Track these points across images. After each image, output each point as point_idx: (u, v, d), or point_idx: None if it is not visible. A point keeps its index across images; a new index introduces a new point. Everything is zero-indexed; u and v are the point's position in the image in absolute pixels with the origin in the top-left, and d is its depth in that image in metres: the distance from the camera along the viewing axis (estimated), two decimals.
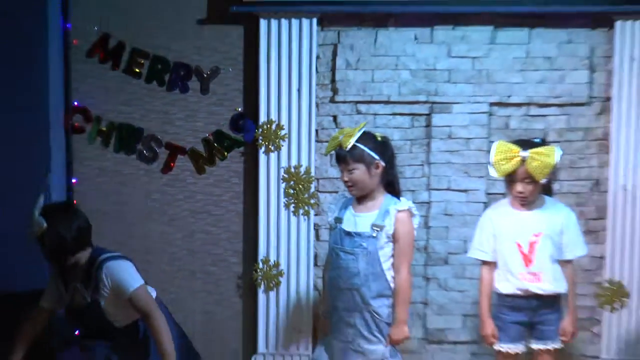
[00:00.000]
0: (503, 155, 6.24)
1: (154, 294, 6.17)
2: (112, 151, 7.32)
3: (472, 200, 7.20)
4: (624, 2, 6.98)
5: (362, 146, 5.99)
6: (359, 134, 6.02)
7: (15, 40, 6.96)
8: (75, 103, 7.30)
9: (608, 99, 7.08)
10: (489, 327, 6.31)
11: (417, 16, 7.09)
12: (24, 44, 7.01)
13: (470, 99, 7.14)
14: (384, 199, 6.10)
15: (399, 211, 6.01)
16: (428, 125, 7.18)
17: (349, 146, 5.99)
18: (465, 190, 7.20)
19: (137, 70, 7.26)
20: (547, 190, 6.39)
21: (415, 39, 7.14)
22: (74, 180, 7.35)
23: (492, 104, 7.16)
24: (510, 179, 6.23)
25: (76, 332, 6.74)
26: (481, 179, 7.15)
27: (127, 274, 6.06)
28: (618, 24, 6.97)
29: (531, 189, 6.21)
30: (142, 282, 6.07)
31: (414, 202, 6.20)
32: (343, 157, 6.05)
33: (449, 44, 7.13)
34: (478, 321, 6.77)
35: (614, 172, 7.03)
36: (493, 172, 6.27)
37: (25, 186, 6.91)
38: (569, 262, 6.33)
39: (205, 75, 7.28)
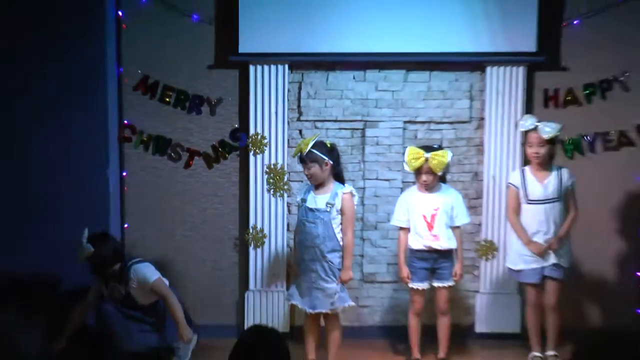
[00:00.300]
0: (413, 156, 6.61)
1: (167, 282, 6.56)
2: (151, 154, 7.47)
3: (392, 187, 7.44)
4: (491, 54, 7.21)
5: (315, 151, 6.37)
6: (312, 143, 6.39)
7: (86, 80, 7.13)
8: (126, 121, 7.43)
9: (482, 118, 7.37)
10: (405, 271, 6.73)
11: (355, 64, 7.34)
12: (93, 82, 7.16)
13: (391, 118, 7.40)
14: (334, 185, 6.47)
15: (344, 193, 6.44)
16: (363, 136, 7.43)
17: (307, 151, 6.37)
18: (388, 180, 7.45)
19: (167, 99, 7.42)
20: (442, 179, 6.79)
21: (354, 78, 7.39)
22: (124, 174, 7.49)
23: (405, 122, 7.41)
24: (418, 171, 6.62)
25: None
26: (398, 172, 7.38)
27: (147, 272, 6.50)
28: (488, 69, 7.28)
29: (432, 179, 6.63)
30: (158, 275, 6.51)
31: (354, 188, 6.66)
32: (303, 159, 6.43)
33: (376, 82, 7.39)
34: (397, 268, 7.09)
35: (486, 167, 7.35)
36: (406, 167, 6.69)
37: (92, 178, 7.25)
38: (457, 227, 6.75)
39: (213, 103, 7.44)
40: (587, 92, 7.36)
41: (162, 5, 7.33)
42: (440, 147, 6.78)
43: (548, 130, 6.63)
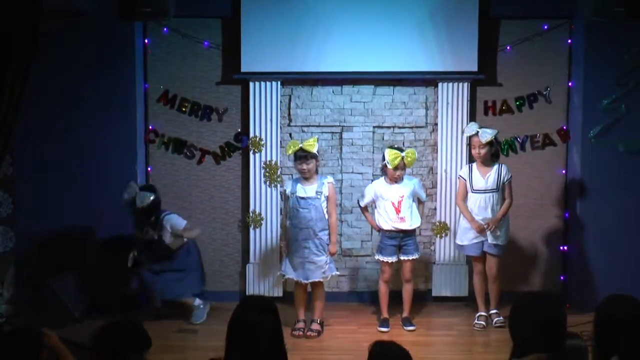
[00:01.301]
0: (393, 156, 6.59)
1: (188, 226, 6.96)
2: (170, 153, 7.50)
3: (365, 179, 7.49)
4: (442, 73, 7.30)
5: (314, 150, 6.54)
6: (317, 145, 6.60)
7: (120, 94, 7.22)
8: (150, 127, 7.48)
9: (435, 124, 7.46)
10: (374, 224, 6.87)
11: (333, 80, 7.45)
12: (125, 96, 7.24)
13: (363, 124, 7.50)
14: (317, 177, 6.64)
15: (329, 183, 6.63)
16: (340, 138, 7.51)
17: (314, 150, 6.52)
18: (361, 173, 7.54)
19: (184, 109, 7.47)
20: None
21: (333, 92, 7.48)
22: (149, 169, 7.53)
23: (374, 127, 7.50)
24: (395, 168, 6.60)
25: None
26: (369, 167, 7.50)
27: (177, 221, 6.92)
28: (440, 84, 7.38)
29: (403, 173, 6.71)
30: (185, 222, 6.92)
31: (334, 180, 6.95)
32: (305, 156, 6.50)
33: (350, 95, 7.50)
34: (370, 244, 7.46)
35: (439, 163, 7.42)
36: (389, 166, 6.61)
37: (124, 172, 7.23)
38: (422, 202, 6.87)
39: (220, 112, 7.49)
40: (518, 103, 7.49)
41: (179, 35, 7.42)
42: (403, 149, 6.82)
43: (486, 135, 6.79)
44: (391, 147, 6.82)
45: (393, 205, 6.73)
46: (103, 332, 3.58)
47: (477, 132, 6.83)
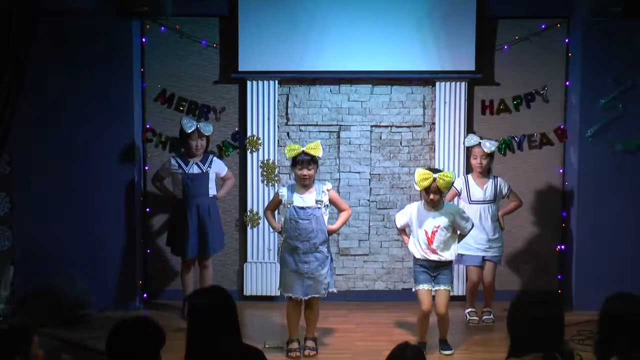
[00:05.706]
0: (422, 177, 6.10)
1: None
2: (167, 152, 7.39)
3: (362, 178, 7.55)
4: (440, 72, 7.35)
5: (319, 154, 6.24)
6: (321, 149, 6.24)
7: (117, 93, 7.18)
8: (148, 126, 7.47)
9: (433, 123, 7.50)
10: (405, 238, 6.44)
11: (331, 79, 7.48)
12: (122, 95, 7.20)
13: (360, 123, 7.53)
14: (315, 184, 6.28)
15: (328, 190, 6.30)
16: (338, 137, 7.54)
17: (319, 155, 6.20)
18: (358, 172, 7.57)
19: (181, 108, 7.45)
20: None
21: (330, 91, 7.51)
22: (147, 168, 7.48)
23: (372, 126, 7.53)
24: (426, 190, 6.13)
25: None
26: (367, 166, 7.53)
27: (223, 165, 7.14)
28: (437, 84, 7.42)
29: (438, 197, 6.16)
30: (227, 168, 7.21)
31: (331, 180, 7.06)
32: (308, 161, 6.15)
33: (348, 94, 7.52)
34: (367, 243, 7.51)
35: (437, 162, 7.39)
36: (416, 187, 6.22)
37: (120, 171, 7.24)
38: (461, 235, 6.32)
39: (218, 111, 7.48)
40: (516, 102, 7.51)
41: (177, 34, 7.41)
42: (439, 170, 6.40)
43: (489, 145, 6.86)
44: (429, 167, 6.40)
45: (426, 235, 6.23)
46: (116, 331, 3.53)
47: (479, 142, 6.87)
